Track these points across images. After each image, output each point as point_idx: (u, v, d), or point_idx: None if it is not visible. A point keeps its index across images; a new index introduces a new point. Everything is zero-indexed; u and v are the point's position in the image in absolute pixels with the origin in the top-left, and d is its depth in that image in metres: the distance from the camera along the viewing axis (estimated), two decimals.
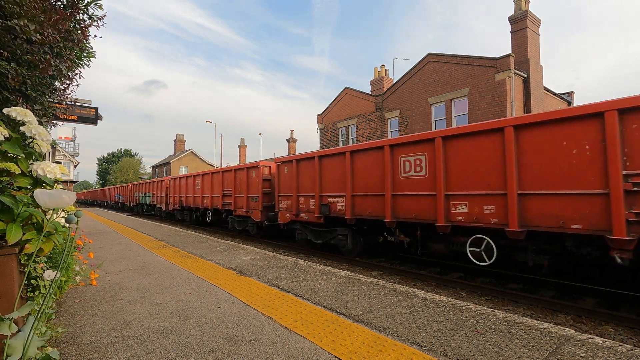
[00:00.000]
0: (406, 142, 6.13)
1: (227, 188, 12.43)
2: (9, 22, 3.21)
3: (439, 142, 5.58)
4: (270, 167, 10.39)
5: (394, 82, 19.61)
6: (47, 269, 2.70)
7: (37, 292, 2.62)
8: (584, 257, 4.65)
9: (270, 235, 11.46)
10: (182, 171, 47.52)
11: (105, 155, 73.87)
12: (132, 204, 27.00)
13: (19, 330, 1.66)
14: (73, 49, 4.31)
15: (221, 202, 12.78)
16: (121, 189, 31.53)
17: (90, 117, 9.53)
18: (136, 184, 25.87)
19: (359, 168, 7.02)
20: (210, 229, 14.70)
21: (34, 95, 4.04)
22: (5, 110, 2.10)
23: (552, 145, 4.46)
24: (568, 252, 4.77)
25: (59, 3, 4.03)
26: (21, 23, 3.24)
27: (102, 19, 4.48)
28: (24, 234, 1.95)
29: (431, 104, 17.17)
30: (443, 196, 5.50)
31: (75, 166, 41.71)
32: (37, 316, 1.68)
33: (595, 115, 4.13)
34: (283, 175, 9.16)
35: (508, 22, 15.83)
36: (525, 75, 14.99)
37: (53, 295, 3.20)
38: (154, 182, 21.48)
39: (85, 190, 72.23)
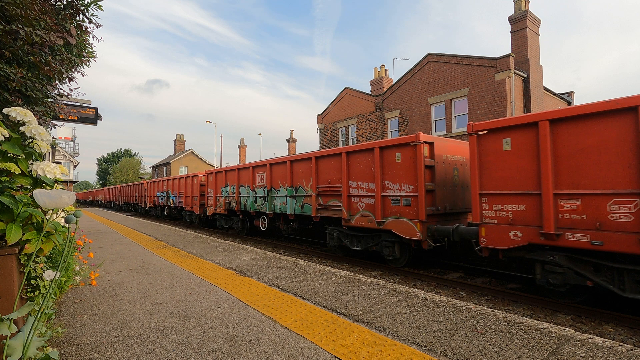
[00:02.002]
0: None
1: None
2: (12, 26, 3.21)
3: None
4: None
5: (394, 82, 19.60)
6: (47, 269, 2.70)
7: (37, 292, 2.62)
8: None
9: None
10: (182, 171, 47.43)
11: (105, 155, 73.84)
12: (208, 209, 13.51)
13: (19, 331, 1.66)
14: (73, 50, 4.31)
15: None
16: (173, 185, 17.53)
17: (90, 117, 9.51)
18: (220, 172, 12.86)
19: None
20: (211, 230, 14.71)
21: (34, 96, 4.04)
22: (5, 111, 2.10)
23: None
24: None
25: (59, 3, 4.03)
26: (27, 30, 3.25)
27: (99, 27, 4.45)
28: (23, 234, 1.95)
29: (431, 104, 17.16)
30: None
31: (75, 166, 41.68)
32: (37, 316, 1.68)
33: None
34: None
35: (508, 22, 15.84)
36: (525, 75, 14.99)
37: (53, 296, 3.20)
38: (318, 157, 8.26)
39: (92, 189, 61.68)
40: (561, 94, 20.17)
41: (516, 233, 4.86)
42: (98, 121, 9.70)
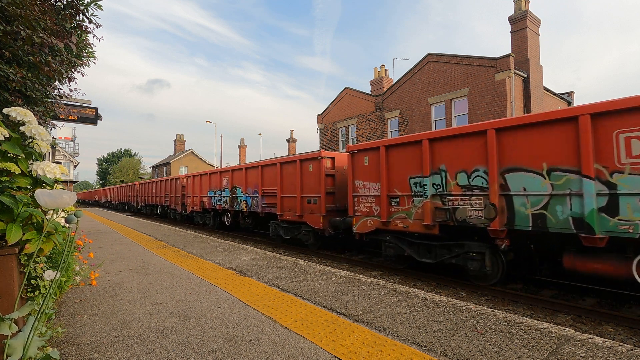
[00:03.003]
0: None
1: None
2: (13, 27, 3.22)
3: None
4: None
5: (394, 82, 19.61)
6: (47, 269, 2.70)
7: (37, 292, 2.62)
8: None
9: None
10: (182, 171, 47.42)
11: (105, 155, 73.89)
12: (394, 220, 6.30)
13: (19, 331, 1.66)
14: (72, 51, 4.31)
15: None
16: (247, 177, 11.12)
17: (90, 117, 9.52)
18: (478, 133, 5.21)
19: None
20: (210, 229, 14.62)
21: (34, 96, 4.04)
22: (5, 110, 2.10)
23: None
24: None
25: (59, 3, 4.03)
26: (28, 32, 3.25)
27: (99, 26, 4.45)
28: (24, 234, 1.95)
29: (431, 104, 17.16)
30: None
31: (75, 166, 41.70)
32: (37, 316, 1.68)
33: None
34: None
35: (508, 22, 15.84)
36: (525, 75, 14.99)
37: (53, 296, 3.20)
38: None
39: (97, 188, 53.42)
40: (561, 94, 20.18)
41: None
42: (98, 121, 9.71)
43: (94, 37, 4.59)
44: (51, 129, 6.36)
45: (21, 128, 2.11)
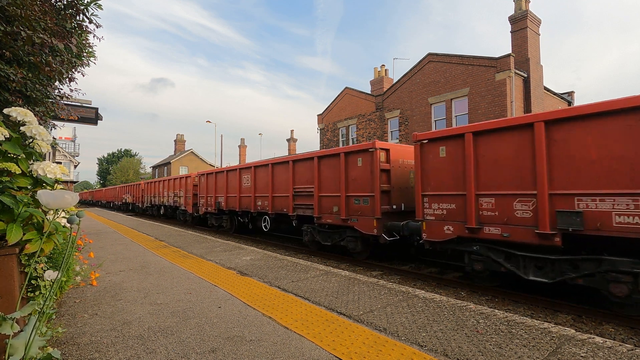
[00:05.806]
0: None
1: None
2: (13, 27, 3.22)
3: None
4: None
5: (394, 82, 19.59)
6: (48, 269, 2.70)
7: (37, 292, 2.62)
8: None
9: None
10: (183, 171, 47.39)
11: (105, 155, 73.89)
12: None
13: (21, 330, 1.66)
14: (72, 51, 4.31)
15: None
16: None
17: (91, 117, 9.51)
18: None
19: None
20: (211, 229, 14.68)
21: (35, 96, 4.04)
22: (5, 111, 2.10)
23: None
24: None
25: (59, 3, 4.03)
26: (28, 32, 3.25)
27: (99, 26, 4.45)
28: (24, 234, 1.96)
29: (431, 104, 17.15)
30: None
31: (75, 166, 41.70)
32: (38, 316, 1.68)
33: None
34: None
35: (508, 22, 15.83)
36: (526, 75, 14.98)
37: (54, 296, 3.20)
38: None
39: (130, 183, 42.00)
40: (561, 93, 20.16)
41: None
42: (98, 121, 9.71)
43: (94, 37, 4.60)
44: (51, 129, 6.36)
45: (22, 128, 2.12)
